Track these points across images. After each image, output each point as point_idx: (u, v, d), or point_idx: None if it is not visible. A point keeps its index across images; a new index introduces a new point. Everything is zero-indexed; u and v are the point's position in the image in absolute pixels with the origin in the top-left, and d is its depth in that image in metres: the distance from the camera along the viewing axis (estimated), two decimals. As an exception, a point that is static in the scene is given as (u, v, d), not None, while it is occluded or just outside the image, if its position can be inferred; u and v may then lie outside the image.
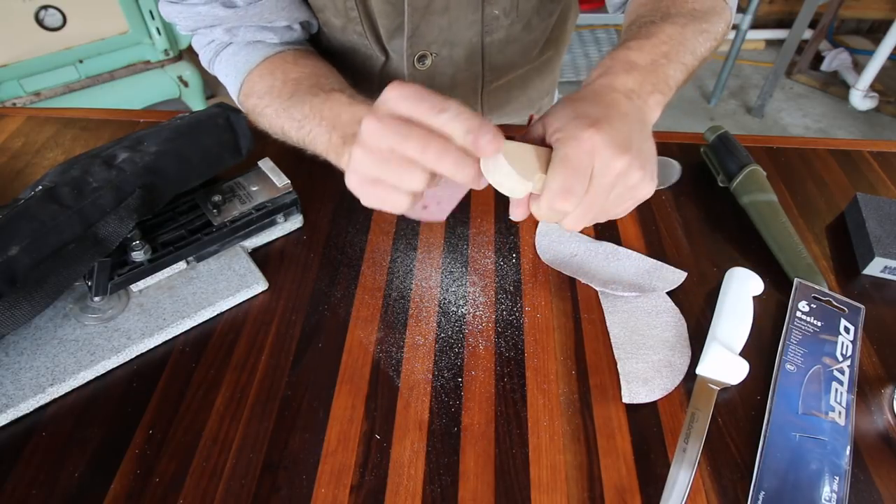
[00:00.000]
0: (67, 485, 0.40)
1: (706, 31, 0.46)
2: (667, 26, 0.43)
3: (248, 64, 0.55)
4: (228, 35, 0.54)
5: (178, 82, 1.85)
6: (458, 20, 0.59)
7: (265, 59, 0.54)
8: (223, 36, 0.54)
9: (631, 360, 0.47)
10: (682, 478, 0.40)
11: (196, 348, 0.48)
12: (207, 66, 0.60)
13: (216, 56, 0.57)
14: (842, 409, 0.44)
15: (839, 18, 2.57)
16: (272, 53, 0.55)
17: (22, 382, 0.44)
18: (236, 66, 0.56)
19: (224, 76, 0.58)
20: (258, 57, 0.55)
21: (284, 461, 0.41)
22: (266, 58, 0.55)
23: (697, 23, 0.46)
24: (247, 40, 0.55)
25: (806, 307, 0.50)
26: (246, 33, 0.54)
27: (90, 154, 0.52)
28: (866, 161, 0.68)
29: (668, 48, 0.42)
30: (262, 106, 0.52)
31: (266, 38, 0.55)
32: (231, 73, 0.56)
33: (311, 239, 0.57)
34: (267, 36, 0.55)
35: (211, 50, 0.57)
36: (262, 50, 0.55)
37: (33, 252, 0.43)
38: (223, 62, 0.57)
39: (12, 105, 1.61)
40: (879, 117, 2.31)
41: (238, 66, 0.55)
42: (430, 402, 0.44)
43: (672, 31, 0.43)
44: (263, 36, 0.54)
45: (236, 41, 0.55)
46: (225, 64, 0.57)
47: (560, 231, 0.58)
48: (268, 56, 0.55)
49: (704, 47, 0.46)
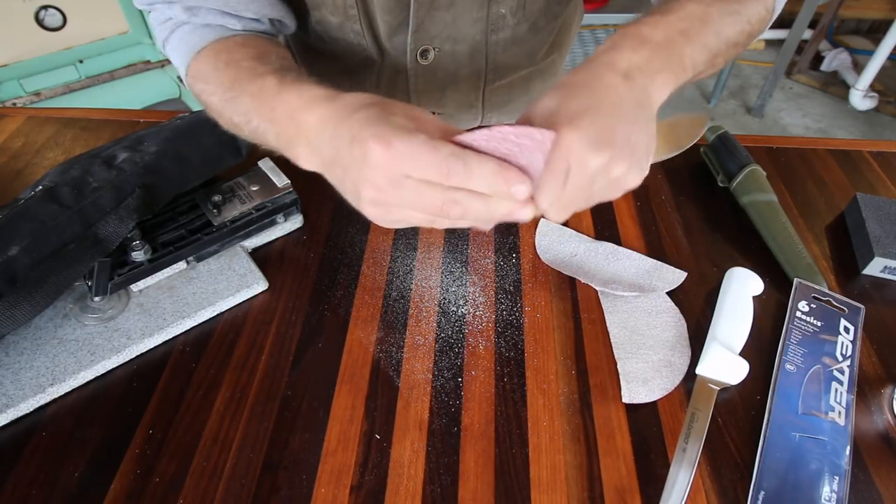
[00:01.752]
0: (67, 485, 0.40)
1: (736, 12, 0.43)
2: (689, 3, 0.40)
3: (201, 43, 0.50)
4: (187, 14, 0.50)
5: (178, 82, 1.85)
6: (463, 16, 0.58)
7: (217, 39, 0.50)
8: (181, 14, 0.50)
9: (631, 360, 0.47)
10: (682, 478, 0.40)
11: (196, 348, 0.48)
12: (161, 45, 0.54)
13: (171, 34, 0.52)
14: (842, 409, 0.44)
15: (839, 18, 2.57)
16: (226, 36, 0.50)
17: (22, 382, 0.44)
18: (188, 44, 0.51)
19: (175, 56, 0.53)
20: (212, 37, 0.50)
21: (284, 461, 0.41)
22: (219, 39, 0.50)
23: (726, 3, 0.42)
24: (206, 23, 0.51)
25: (806, 307, 0.50)
26: (206, 15, 0.50)
27: (90, 154, 0.52)
28: (866, 161, 0.68)
29: (688, 25, 0.39)
30: (207, 93, 0.48)
31: (228, 23, 0.50)
32: (182, 50, 0.51)
33: (311, 239, 0.57)
34: (229, 22, 0.50)
35: (167, 28, 0.53)
36: (218, 32, 0.50)
37: (33, 252, 0.43)
38: (175, 39, 0.52)
39: (12, 105, 1.61)
40: (879, 117, 2.31)
41: (190, 44, 0.51)
42: (430, 402, 0.44)
43: (694, 8, 0.40)
44: (225, 21, 0.50)
45: (194, 21, 0.51)
46: (177, 41, 0.52)
47: (560, 231, 0.58)
48: (221, 37, 0.50)
49: (733, 30, 0.42)
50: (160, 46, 0.55)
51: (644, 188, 0.64)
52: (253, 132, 0.44)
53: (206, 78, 0.48)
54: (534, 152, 0.32)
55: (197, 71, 0.49)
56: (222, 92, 0.46)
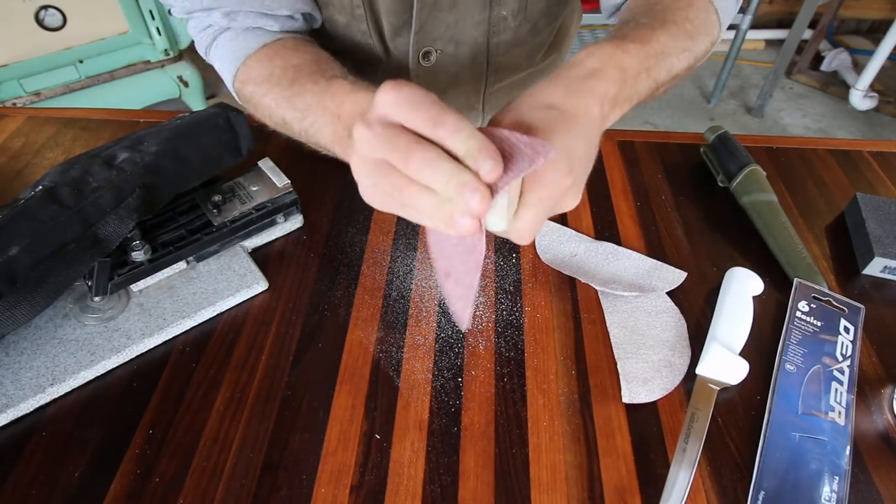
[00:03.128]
0: (67, 485, 0.40)
1: (689, 49, 0.45)
2: (662, 34, 0.42)
3: (247, 49, 0.52)
4: (227, 20, 0.52)
5: (178, 82, 1.85)
6: (465, 18, 0.59)
7: (264, 45, 0.52)
8: (221, 20, 0.52)
9: (631, 360, 0.47)
10: (682, 478, 0.40)
11: (196, 348, 0.48)
12: (204, 53, 0.57)
13: (213, 41, 0.54)
14: (842, 409, 0.44)
15: (839, 18, 2.57)
16: (272, 40, 0.52)
17: (22, 382, 0.44)
18: (233, 52, 0.53)
19: (220, 62, 0.55)
20: (257, 43, 0.52)
21: (284, 461, 0.41)
22: (265, 44, 0.52)
23: (686, 39, 0.44)
24: (245, 26, 0.52)
25: (806, 307, 0.50)
26: (245, 19, 0.51)
27: (90, 154, 0.52)
28: (866, 161, 0.68)
29: (653, 63, 0.41)
30: (259, 94, 0.50)
31: (266, 25, 0.52)
32: (227, 58, 0.53)
33: (311, 239, 0.57)
34: (267, 23, 0.52)
35: (208, 35, 0.55)
36: (261, 36, 0.52)
37: (33, 252, 0.43)
38: (220, 47, 0.54)
39: (12, 105, 1.61)
40: (879, 117, 2.31)
41: (235, 52, 0.53)
42: (430, 402, 0.44)
43: (665, 41, 0.42)
44: (263, 23, 0.52)
45: (234, 26, 0.53)
46: (221, 49, 0.54)
47: (560, 231, 0.58)
48: (267, 42, 0.52)
49: (682, 65, 0.44)
50: (203, 54, 0.57)
51: (644, 188, 0.64)
52: (304, 129, 0.45)
53: (259, 80, 0.50)
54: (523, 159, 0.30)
55: (247, 76, 0.51)
56: (279, 92, 0.47)
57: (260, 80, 0.50)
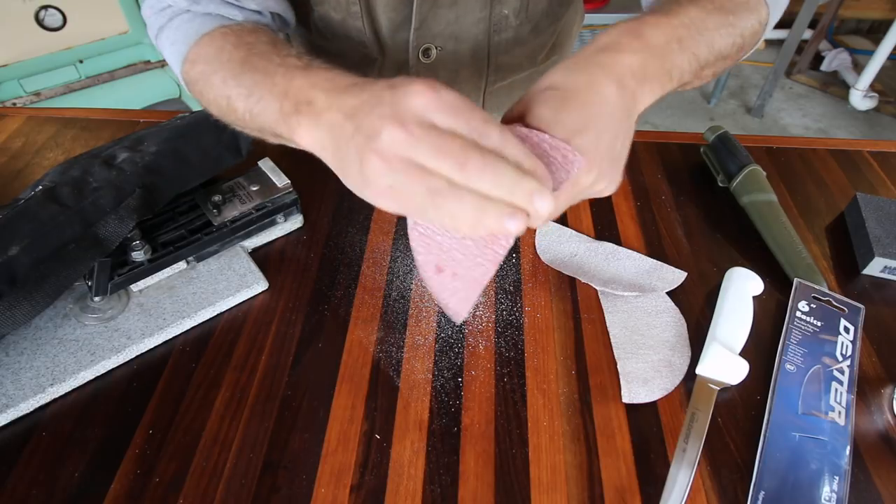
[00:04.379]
0: (67, 485, 0.40)
1: (732, 24, 0.41)
2: (691, 8, 0.39)
3: (202, 30, 0.48)
4: (188, 1, 0.48)
5: (178, 82, 1.85)
6: (466, 15, 0.58)
7: (222, 26, 0.48)
8: (182, 2, 0.48)
9: (631, 360, 0.47)
10: (682, 478, 0.40)
11: (196, 348, 0.48)
12: (155, 35, 0.52)
13: (169, 21, 0.50)
14: (842, 409, 0.44)
15: (839, 18, 2.57)
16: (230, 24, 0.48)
17: (22, 382, 0.44)
18: (187, 33, 0.48)
19: (171, 44, 0.50)
20: (214, 25, 0.48)
21: (284, 461, 0.41)
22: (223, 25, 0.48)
23: (724, 14, 0.41)
24: (208, 11, 0.49)
25: (806, 307, 0.50)
26: (209, 4, 0.48)
27: (90, 154, 0.52)
28: (866, 161, 0.68)
29: (685, 33, 0.38)
30: (208, 72, 0.45)
31: (230, 14, 0.49)
32: (180, 39, 0.49)
33: (311, 239, 0.57)
34: (231, 12, 0.49)
35: (164, 16, 0.50)
36: (218, 21, 0.48)
37: (33, 252, 0.43)
38: (174, 28, 0.49)
39: (12, 105, 1.61)
40: (879, 117, 2.31)
41: (189, 33, 0.48)
42: (430, 402, 0.44)
43: (695, 14, 0.39)
44: (227, 11, 0.48)
45: (195, 10, 0.49)
46: (175, 31, 0.49)
47: (560, 231, 0.58)
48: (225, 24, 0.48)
49: (726, 42, 0.42)
50: (153, 37, 0.52)
51: (644, 188, 0.64)
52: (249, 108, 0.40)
53: (209, 58, 0.45)
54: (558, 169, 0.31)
55: (198, 55, 0.47)
56: (228, 69, 0.43)
57: (210, 58, 0.45)
